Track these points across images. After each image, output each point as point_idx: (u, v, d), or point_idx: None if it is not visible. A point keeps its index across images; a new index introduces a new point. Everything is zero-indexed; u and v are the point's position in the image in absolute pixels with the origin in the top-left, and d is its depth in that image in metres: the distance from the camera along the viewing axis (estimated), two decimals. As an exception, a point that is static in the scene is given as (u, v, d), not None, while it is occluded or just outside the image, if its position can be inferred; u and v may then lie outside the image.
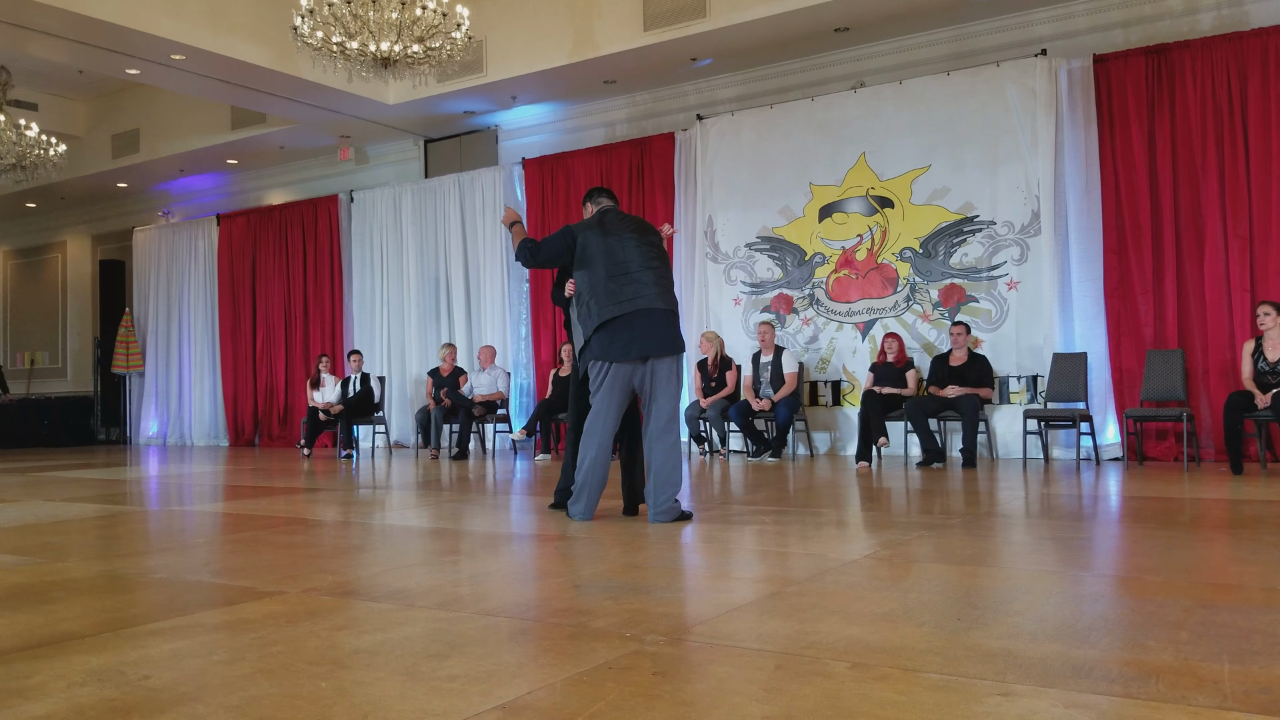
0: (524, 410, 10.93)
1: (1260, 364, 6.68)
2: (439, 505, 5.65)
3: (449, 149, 12.26)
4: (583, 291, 4.64)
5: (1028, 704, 1.85)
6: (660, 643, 2.32)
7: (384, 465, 9.12)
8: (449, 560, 3.71)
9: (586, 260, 4.60)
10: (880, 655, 2.20)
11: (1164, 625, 2.44)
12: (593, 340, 4.57)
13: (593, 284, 4.57)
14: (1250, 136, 7.56)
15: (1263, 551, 3.53)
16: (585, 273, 4.62)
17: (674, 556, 3.73)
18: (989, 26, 8.84)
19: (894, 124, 9.02)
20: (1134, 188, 7.95)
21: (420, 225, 12.04)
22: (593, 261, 4.59)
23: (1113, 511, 4.99)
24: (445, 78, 10.23)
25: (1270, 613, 2.55)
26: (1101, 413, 7.98)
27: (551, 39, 9.81)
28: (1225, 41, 7.68)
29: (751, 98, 10.01)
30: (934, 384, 8.06)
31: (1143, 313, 7.90)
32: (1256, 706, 1.81)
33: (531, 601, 2.89)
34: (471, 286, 11.61)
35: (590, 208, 4.91)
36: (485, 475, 7.70)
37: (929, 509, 5.11)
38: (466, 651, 2.26)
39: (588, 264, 4.60)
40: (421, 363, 11.81)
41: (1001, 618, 2.56)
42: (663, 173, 10.28)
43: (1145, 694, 1.90)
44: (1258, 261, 7.51)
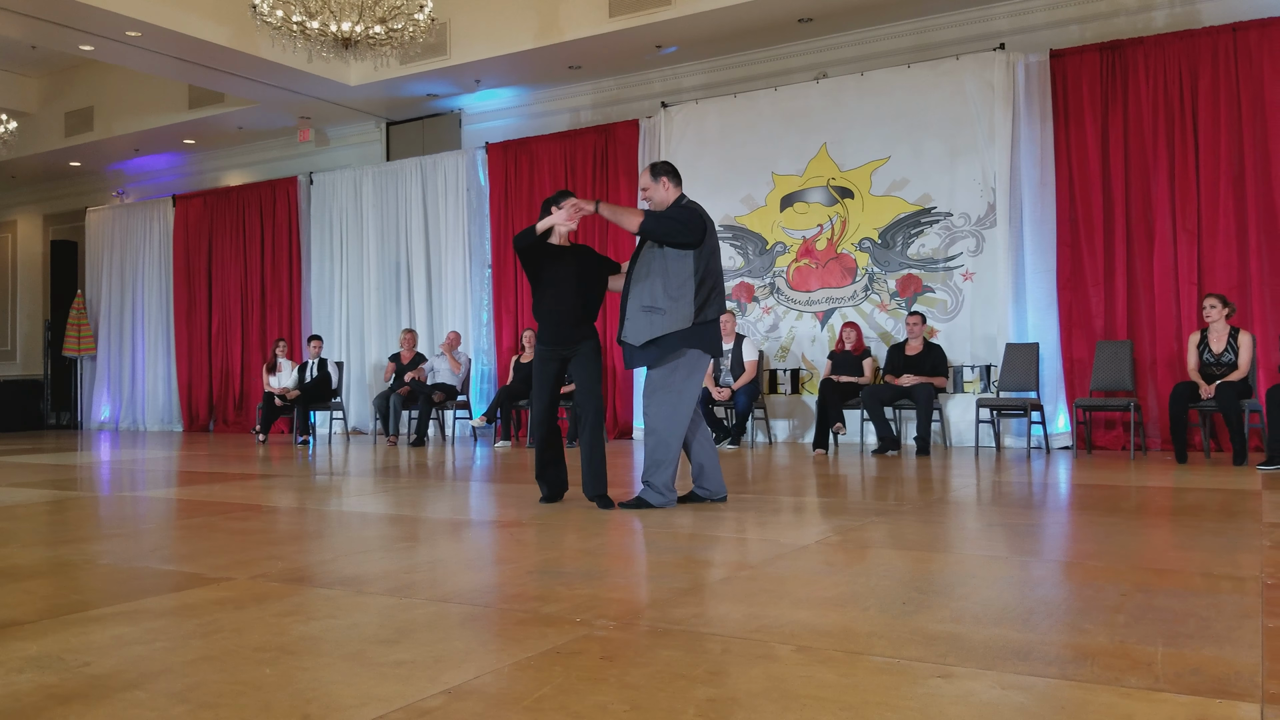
0: (485, 397, 10.90)
1: (1205, 356, 6.83)
2: (396, 492, 5.63)
3: (411, 132, 12.14)
4: (688, 278, 4.37)
5: (966, 685, 1.89)
6: (610, 627, 2.33)
7: (341, 452, 9.05)
8: (403, 546, 3.71)
9: (710, 248, 4.46)
10: (826, 639, 2.23)
11: (1102, 609, 2.50)
12: (700, 331, 4.43)
13: (712, 275, 4.44)
14: (1200, 133, 7.71)
15: (1202, 538, 3.62)
16: (702, 260, 4.40)
17: (630, 542, 3.75)
18: (949, 20, 8.91)
19: (855, 115, 9.08)
20: (1087, 182, 8.08)
21: (381, 209, 11.92)
22: (714, 253, 4.50)
23: (1060, 499, 5.09)
24: (408, 60, 10.13)
25: (1205, 597, 2.62)
26: (1052, 402, 8.13)
27: (516, 23, 9.75)
28: (1177, 39, 7.81)
29: (716, 86, 10.02)
30: (890, 373, 8.15)
31: (1094, 304, 8.04)
32: (1185, 687, 1.87)
33: (484, 587, 2.90)
34: (433, 272, 11.53)
35: (674, 188, 4.53)
36: (444, 462, 7.68)
37: (883, 496, 5.18)
38: (416, 637, 2.26)
39: (711, 253, 4.46)
40: (381, 348, 11.72)
41: (946, 602, 2.61)
42: (627, 160, 10.26)
43: (1080, 676, 1.95)
44: (1205, 255, 7.67)
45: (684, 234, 4.36)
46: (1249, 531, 3.73)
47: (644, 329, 4.43)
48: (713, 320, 4.47)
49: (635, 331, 4.46)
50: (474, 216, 11.22)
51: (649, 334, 4.41)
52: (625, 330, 4.50)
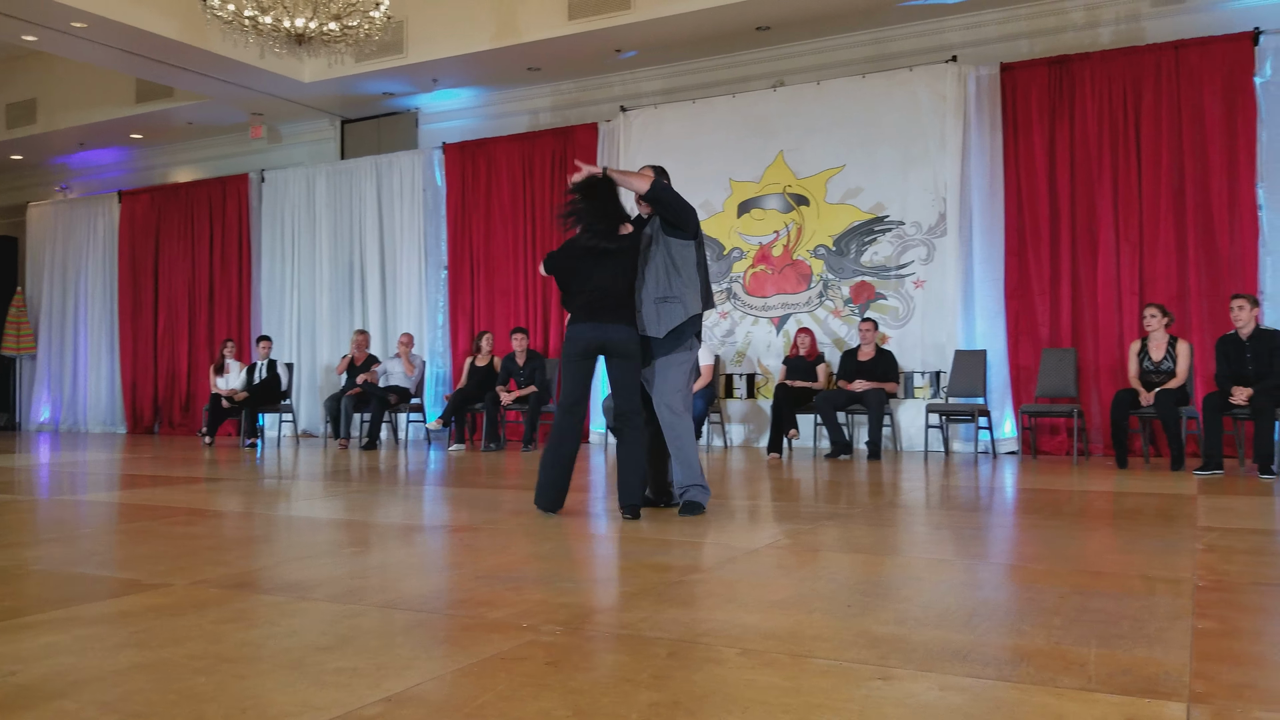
0: (439, 400, 10.82)
1: (1145, 363, 6.99)
2: (346, 496, 5.56)
3: (367, 130, 12.03)
4: (692, 272, 4.41)
5: (906, 687, 1.92)
6: (557, 632, 2.33)
7: (291, 455, 8.93)
8: (350, 552, 3.67)
9: (702, 243, 4.53)
10: (771, 642, 2.24)
11: (1040, 611, 2.55)
12: (699, 320, 4.49)
13: (703, 270, 4.49)
14: (1142, 147, 7.90)
15: (1139, 541, 3.70)
16: (700, 251, 4.48)
17: (580, 547, 3.75)
18: (904, 31, 9.04)
19: (812, 123, 9.16)
20: (1034, 193, 8.23)
21: (335, 208, 11.79)
22: (704, 247, 4.56)
23: (1005, 503, 5.17)
24: (363, 57, 10.04)
25: (1139, 599, 2.68)
26: (999, 408, 8.27)
27: (474, 23, 9.70)
28: (1122, 55, 8.00)
29: (675, 91, 10.06)
30: (843, 378, 8.24)
31: (1040, 313, 8.20)
32: (1117, 687, 1.91)
33: (431, 593, 2.87)
34: (387, 273, 11.43)
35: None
36: (397, 466, 7.61)
37: (834, 499, 5.23)
38: (358, 643, 2.24)
39: (702, 247, 4.52)
40: (333, 349, 11.59)
41: (890, 604, 2.64)
42: (586, 162, 10.20)
43: (1016, 676, 1.98)
44: (1146, 266, 7.86)
45: (689, 216, 4.46)
46: (1184, 535, 3.82)
47: (664, 320, 4.40)
48: (706, 310, 4.55)
49: (654, 324, 4.42)
50: (430, 217, 11.15)
51: (669, 324, 4.40)
52: (644, 325, 4.43)
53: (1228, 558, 3.35)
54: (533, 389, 9.14)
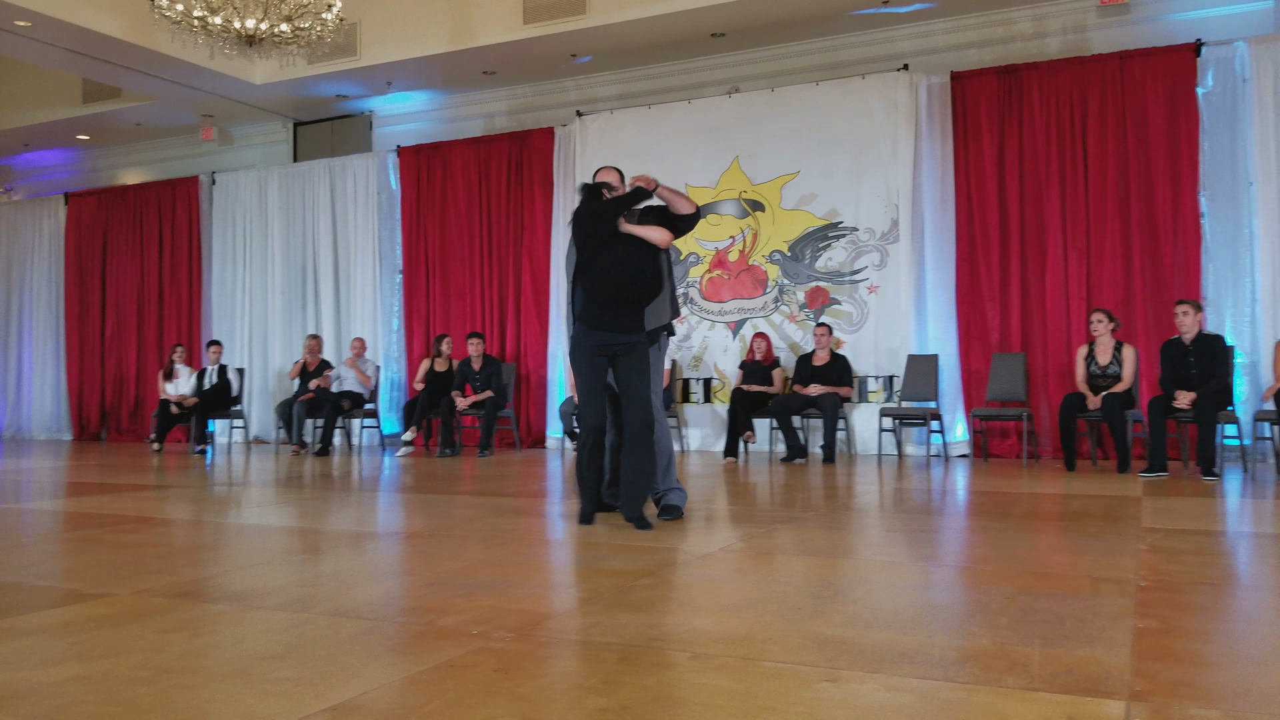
0: (394, 404, 10.72)
1: (1092, 368, 7.13)
2: (298, 503, 5.49)
3: (320, 133, 11.90)
4: (668, 276, 4.48)
5: (853, 688, 1.94)
6: (507, 639, 2.32)
7: (241, 461, 8.80)
8: (301, 559, 3.62)
9: (668, 253, 4.52)
10: (721, 645, 2.25)
11: (987, 612, 2.58)
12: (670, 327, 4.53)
13: (670, 279, 4.51)
14: (1089, 155, 8.07)
15: (1085, 543, 3.77)
16: (668, 261, 4.50)
17: (534, 552, 3.73)
18: (856, 40, 9.14)
19: (766, 130, 9.23)
20: (984, 200, 8.37)
21: (287, 211, 11.65)
22: (669, 256, 4.56)
23: (957, 506, 5.24)
24: (316, 59, 9.93)
25: (1083, 599, 2.73)
26: (951, 412, 8.38)
27: (428, 26, 9.64)
28: (1069, 65, 8.16)
29: (631, 97, 10.08)
30: (798, 382, 8.30)
31: (990, 318, 8.33)
32: (1059, 686, 1.95)
33: (381, 600, 2.85)
34: (341, 276, 11.31)
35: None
36: (350, 472, 7.53)
37: (789, 503, 5.26)
38: (304, 652, 2.22)
39: (668, 256, 4.51)
40: (285, 354, 11.43)
41: (840, 607, 2.66)
42: (542, 167, 10.24)
43: (961, 677, 2.01)
44: (1093, 272, 8.02)
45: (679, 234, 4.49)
46: (1128, 536, 3.90)
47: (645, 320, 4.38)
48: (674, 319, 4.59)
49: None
50: (385, 221, 11.05)
51: (648, 326, 4.38)
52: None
53: (1170, 558, 3.43)
54: (489, 394, 9.09)
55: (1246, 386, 7.57)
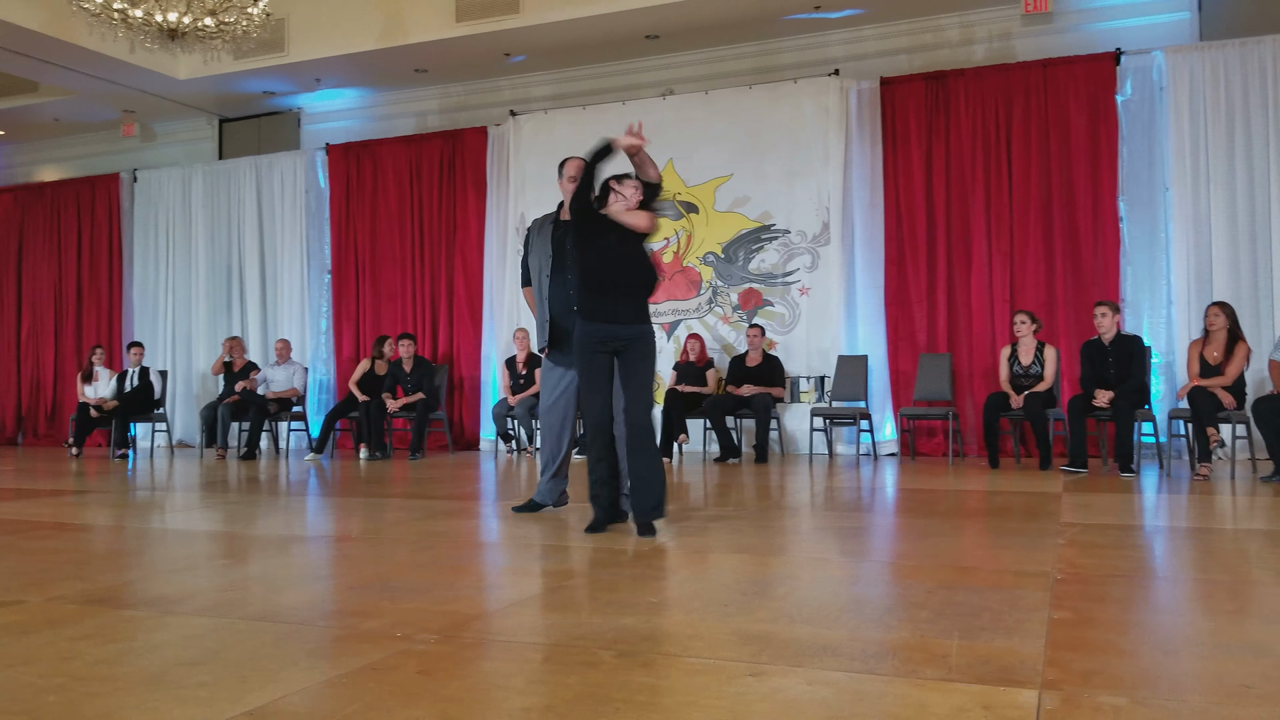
0: (322, 407, 10.54)
1: (1015, 368, 7.32)
2: (222, 507, 5.37)
3: (246, 130, 11.66)
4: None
5: (775, 682, 1.96)
6: (431, 641, 2.30)
7: (164, 466, 8.57)
8: (222, 564, 3.54)
9: None
10: (647, 643, 2.26)
11: (908, 605, 2.63)
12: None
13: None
14: (1013, 160, 8.28)
15: (1006, 538, 3.87)
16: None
17: (463, 555, 3.70)
18: (788, 44, 9.25)
19: (700, 132, 9.28)
20: (912, 204, 8.53)
21: (212, 210, 11.39)
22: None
23: (885, 503, 5.33)
24: (242, 55, 9.73)
25: (1001, 592, 2.80)
26: (880, 411, 8.53)
27: (358, 22, 9.51)
28: (995, 72, 8.36)
29: (565, 97, 10.06)
30: (732, 383, 8.36)
31: (917, 319, 8.49)
32: (975, 677, 1.99)
33: (303, 604, 2.79)
34: (267, 277, 11.09)
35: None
36: (277, 476, 7.38)
37: (722, 501, 5.30)
38: (222, 657, 2.17)
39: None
40: (209, 357, 11.16)
41: (766, 603, 2.69)
42: (475, 167, 10.17)
43: (881, 669, 2.05)
44: (1016, 274, 8.23)
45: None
46: (1047, 531, 4.00)
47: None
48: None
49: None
50: (313, 220, 10.87)
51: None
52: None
53: (1086, 551, 3.53)
54: (420, 396, 8.98)
55: (1163, 385, 7.84)
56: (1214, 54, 7.82)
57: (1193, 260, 7.83)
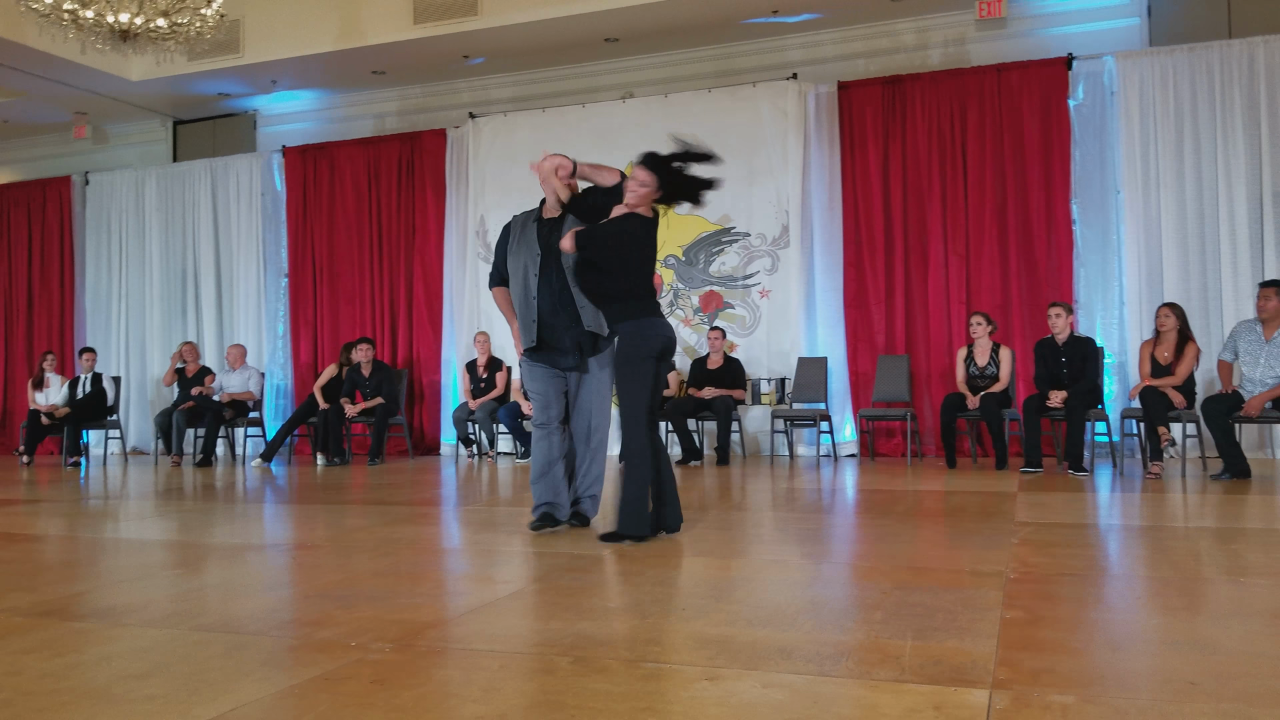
0: (279, 413, 10.41)
1: (971, 369, 7.41)
2: (177, 515, 5.29)
3: (201, 132, 11.50)
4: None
5: (730, 686, 1.97)
6: (386, 650, 2.28)
7: (118, 474, 8.42)
8: (175, 574, 3.48)
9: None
10: (604, 648, 2.26)
11: (863, 607, 2.66)
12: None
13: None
14: (968, 163, 8.38)
15: (961, 538, 3.91)
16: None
17: (420, 562, 3.67)
18: (747, 48, 9.29)
19: (660, 135, 9.19)
20: (870, 207, 8.61)
21: (166, 213, 11.21)
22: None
23: (844, 504, 5.37)
24: (196, 56, 9.58)
25: (955, 592, 2.83)
26: (840, 413, 8.59)
27: (315, 23, 9.41)
28: (950, 77, 8.46)
29: (525, 99, 10.03)
30: (693, 385, 8.38)
31: (876, 321, 8.57)
32: (927, 677, 2.01)
33: (257, 614, 2.76)
34: (223, 281, 10.94)
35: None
36: (234, 483, 7.28)
37: (683, 504, 5.29)
38: (172, 669, 2.14)
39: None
40: (164, 362, 10.98)
41: (723, 606, 2.70)
42: (434, 169, 10.10)
43: (836, 671, 2.06)
44: (972, 277, 8.33)
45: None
46: (1002, 530, 4.06)
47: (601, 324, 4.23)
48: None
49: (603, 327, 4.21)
50: (269, 223, 10.74)
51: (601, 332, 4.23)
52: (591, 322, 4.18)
53: (1039, 551, 3.58)
54: (379, 401, 8.90)
55: (1115, 385, 7.97)
56: (1163, 59, 7.97)
57: (1143, 262, 7.98)
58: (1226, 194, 7.76)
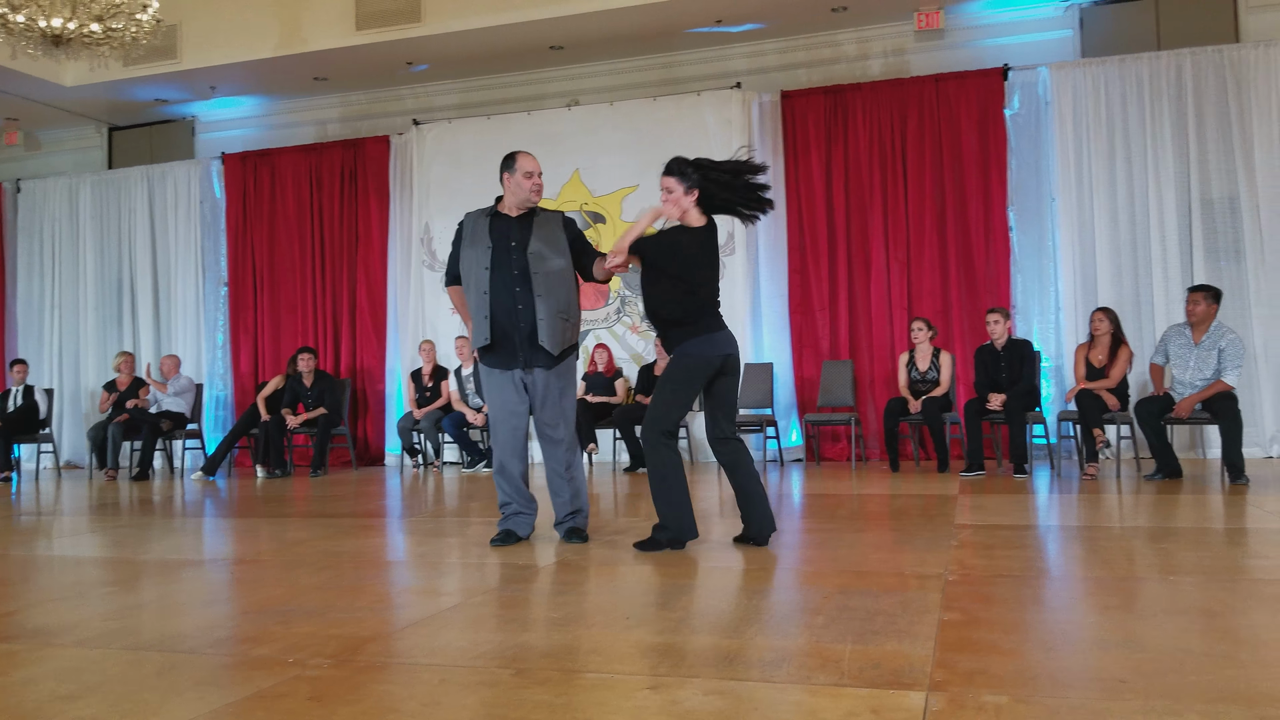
0: (220, 425, 10.22)
1: (913, 373, 7.52)
2: (112, 531, 5.16)
3: (138, 139, 11.26)
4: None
5: (673, 694, 1.97)
6: (324, 666, 2.25)
7: (51, 489, 8.20)
8: (109, 591, 3.40)
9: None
10: (546, 659, 2.25)
11: (805, 612, 2.68)
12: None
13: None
14: (908, 172, 8.52)
15: (902, 541, 3.97)
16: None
17: (362, 575, 3.62)
18: (692, 57, 9.36)
19: (606, 143, 9.31)
20: (814, 214, 8.71)
21: (102, 221, 10.96)
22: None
23: (791, 509, 5.41)
24: (132, 62, 9.38)
25: (895, 595, 2.87)
26: (786, 418, 8.67)
27: (255, 29, 9.28)
28: (890, 87, 8.60)
29: (470, 107, 9.98)
30: (641, 393, 8.40)
31: (820, 327, 8.67)
32: (866, 680, 2.04)
33: (192, 632, 2.70)
34: (161, 290, 10.72)
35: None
36: (172, 497, 7.13)
37: (632, 512, 5.31)
38: (103, 691, 2.08)
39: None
40: (100, 374, 10.73)
41: (667, 614, 2.70)
42: (377, 176, 10.01)
43: (777, 677, 2.08)
44: (913, 283, 8.47)
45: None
46: (943, 533, 4.12)
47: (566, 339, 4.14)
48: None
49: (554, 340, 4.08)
50: (208, 231, 10.55)
51: (567, 343, 4.14)
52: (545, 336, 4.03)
53: (978, 553, 3.64)
54: (321, 411, 8.78)
55: (1052, 388, 8.15)
56: (1095, 70, 8.18)
57: (1078, 267, 8.17)
58: (1157, 201, 7.98)
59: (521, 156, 4.25)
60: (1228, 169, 7.87)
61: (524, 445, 4.20)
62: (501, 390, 4.11)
